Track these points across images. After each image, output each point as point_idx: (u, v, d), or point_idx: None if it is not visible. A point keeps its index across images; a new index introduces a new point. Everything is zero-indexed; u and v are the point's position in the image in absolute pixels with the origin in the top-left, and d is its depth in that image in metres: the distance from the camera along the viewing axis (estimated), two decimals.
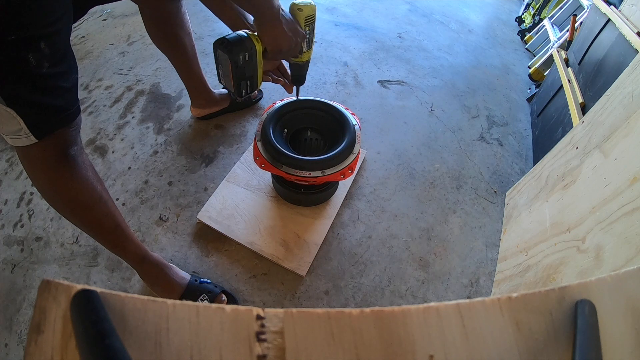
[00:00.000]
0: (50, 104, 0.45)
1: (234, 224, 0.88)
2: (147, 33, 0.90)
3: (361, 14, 1.80)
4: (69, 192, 0.55)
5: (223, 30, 1.53)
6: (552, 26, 1.60)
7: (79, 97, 1.22)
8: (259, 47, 0.60)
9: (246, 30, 0.60)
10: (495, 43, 1.78)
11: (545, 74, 1.43)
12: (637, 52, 0.78)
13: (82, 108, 1.16)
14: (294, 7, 0.61)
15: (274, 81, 0.76)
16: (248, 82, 0.63)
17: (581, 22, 1.27)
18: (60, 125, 0.48)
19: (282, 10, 0.58)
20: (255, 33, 0.61)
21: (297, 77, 0.74)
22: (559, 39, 1.42)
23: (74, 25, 1.66)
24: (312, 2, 0.62)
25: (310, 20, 0.63)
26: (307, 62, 0.71)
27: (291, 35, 0.59)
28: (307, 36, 0.65)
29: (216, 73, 0.65)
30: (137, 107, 1.19)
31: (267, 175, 0.97)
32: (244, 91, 0.64)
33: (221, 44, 0.59)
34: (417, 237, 0.94)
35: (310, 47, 0.67)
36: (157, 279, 0.74)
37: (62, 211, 0.59)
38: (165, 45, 0.93)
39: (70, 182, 0.53)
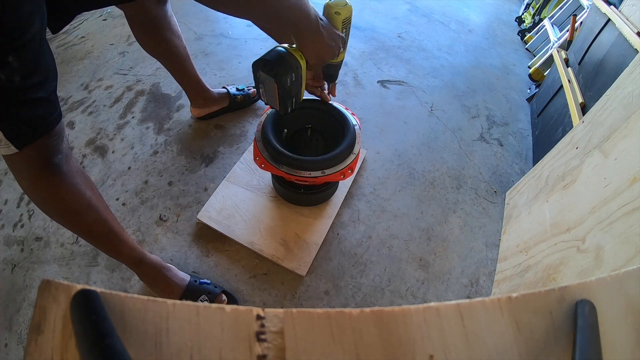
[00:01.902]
0: (26, 116, 0.44)
1: (234, 224, 0.88)
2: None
3: (361, 14, 1.79)
4: (54, 200, 0.54)
5: (223, 30, 1.53)
6: (552, 26, 1.60)
7: (79, 97, 1.23)
8: (303, 64, 0.57)
9: (284, 46, 0.57)
10: (495, 43, 1.78)
11: (545, 74, 1.43)
12: (637, 52, 0.78)
13: (82, 108, 1.17)
14: (330, 11, 0.57)
15: (313, 92, 0.76)
16: (294, 99, 0.62)
17: (581, 22, 1.27)
18: (39, 135, 0.47)
19: (320, 18, 0.54)
20: (294, 46, 0.57)
21: (331, 76, 0.72)
22: (559, 39, 1.42)
23: (73, 25, 1.65)
24: (348, 1, 0.57)
25: (348, 22, 0.59)
26: (342, 61, 0.69)
27: (333, 44, 0.57)
28: (345, 38, 0.62)
29: (256, 90, 0.65)
30: (137, 107, 1.19)
31: (267, 175, 0.97)
32: (289, 108, 0.63)
33: (264, 67, 0.55)
34: (417, 237, 0.94)
35: (345, 47, 0.65)
36: (155, 280, 0.74)
37: (51, 217, 0.59)
38: (156, 50, 0.92)
39: (55, 191, 0.53)
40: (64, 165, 0.52)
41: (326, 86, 0.79)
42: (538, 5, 1.84)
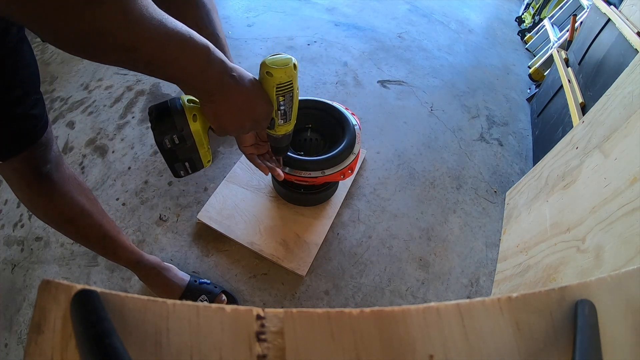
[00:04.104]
0: (6, 132, 0.43)
1: (234, 224, 0.88)
2: None
3: (361, 14, 1.80)
4: (46, 208, 0.54)
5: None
6: (552, 26, 1.60)
7: (79, 97, 1.22)
8: (195, 127, 0.44)
9: (186, 99, 0.44)
10: (495, 43, 1.78)
11: (545, 74, 1.43)
12: (637, 52, 0.78)
13: (82, 108, 1.16)
14: (262, 71, 0.44)
15: (249, 158, 0.57)
16: (186, 163, 0.48)
17: (581, 22, 1.27)
18: (21, 149, 0.46)
19: (237, 76, 0.40)
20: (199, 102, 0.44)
21: (275, 150, 0.58)
22: (559, 39, 1.42)
23: None
24: (291, 62, 0.44)
25: (285, 89, 0.45)
26: (285, 135, 0.53)
27: (246, 114, 0.43)
28: (282, 108, 0.47)
29: None
30: (137, 107, 1.19)
31: (267, 175, 0.97)
32: (181, 172, 0.49)
33: (150, 114, 0.44)
34: (417, 237, 0.94)
35: (288, 119, 0.50)
36: (155, 281, 0.74)
37: (46, 223, 0.59)
38: None
39: (47, 199, 0.53)
40: (54, 174, 0.52)
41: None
42: (538, 5, 1.84)
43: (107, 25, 0.26)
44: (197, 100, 0.44)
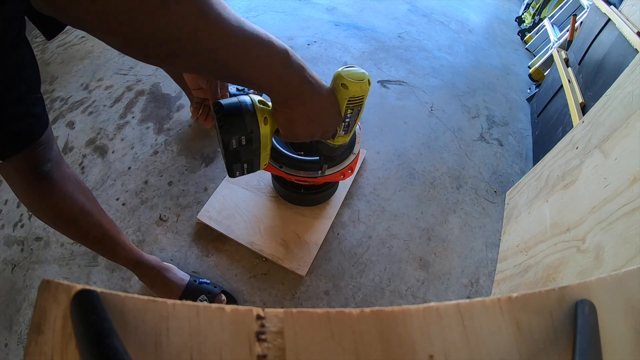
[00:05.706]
0: (6, 131, 0.43)
1: (234, 224, 0.88)
2: None
3: (361, 14, 1.79)
4: (46, 207, 0.55)
5: None
6: (552, 26, 1.60)
7: (79, 97, 1.22)
8: (264, 130, 0.44)
9: (257, 99, 0.44)
10: (495, 43, 1.78)
11: (545, 74, 1.43)
12: (637, 52, 0.78)
13: (82, 108, 1.16)
14: (337, 82, 0.44)
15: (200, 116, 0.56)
16: (245, 165, 0.48)
17: (581, 22, 1.27)
18: (22, 147, 0.46)
19: (314, 83, 0.39)
20: (270, 104, 0.44)
21: (325, 157, 0.59)
22: (559, 39, 1.42)
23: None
24: (366, 77, 0.44)
25: (356, 102, 0.46)
26: (341, 146, 0.55)
27: (318, 123, 0.44)
28: (347, 120, 0.48)
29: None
30: (137, 107, 1.19)
31: (267, 175, 0.97)
32: (237, 172, 0.49)
33: (217, 112, 0.43)
34: (417, 237, 0.94)
35: (349, 131, 0.50)
36: (154, 281, 0.74)
37: (45, 222, 0.59)
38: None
39: (47, 198, 0.53)
40: (54, 173, 0.52)
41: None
42: (538, 5, 1.84)
43: (183, 27, 0.25)
44: (267, 103, 0.44)
